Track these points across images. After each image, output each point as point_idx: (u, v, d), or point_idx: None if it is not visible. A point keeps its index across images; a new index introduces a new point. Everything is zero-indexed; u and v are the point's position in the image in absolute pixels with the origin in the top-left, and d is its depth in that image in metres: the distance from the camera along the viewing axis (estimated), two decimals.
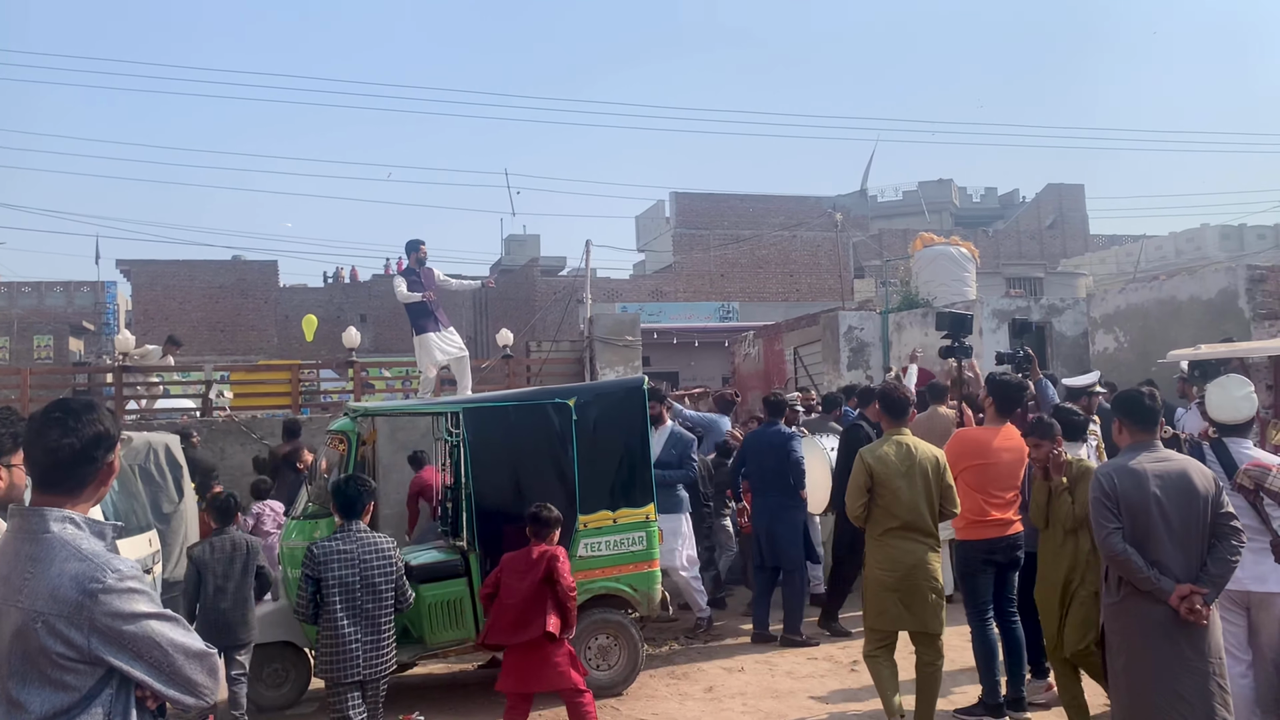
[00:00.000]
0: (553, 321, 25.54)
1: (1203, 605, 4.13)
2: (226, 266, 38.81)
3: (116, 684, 2.33)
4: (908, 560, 5.56)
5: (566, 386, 8.26)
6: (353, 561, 5.14)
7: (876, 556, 5.68)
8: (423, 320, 11.28)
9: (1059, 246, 40.47)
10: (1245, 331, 11.21)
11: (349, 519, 5.30)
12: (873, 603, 5.69)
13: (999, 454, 6.02)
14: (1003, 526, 6.02)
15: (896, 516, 5.59)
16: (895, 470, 5.60)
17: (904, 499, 5.58)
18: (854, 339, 15.72)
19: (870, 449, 5.80)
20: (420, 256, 11.32)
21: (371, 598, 5.15)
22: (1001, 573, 6.13)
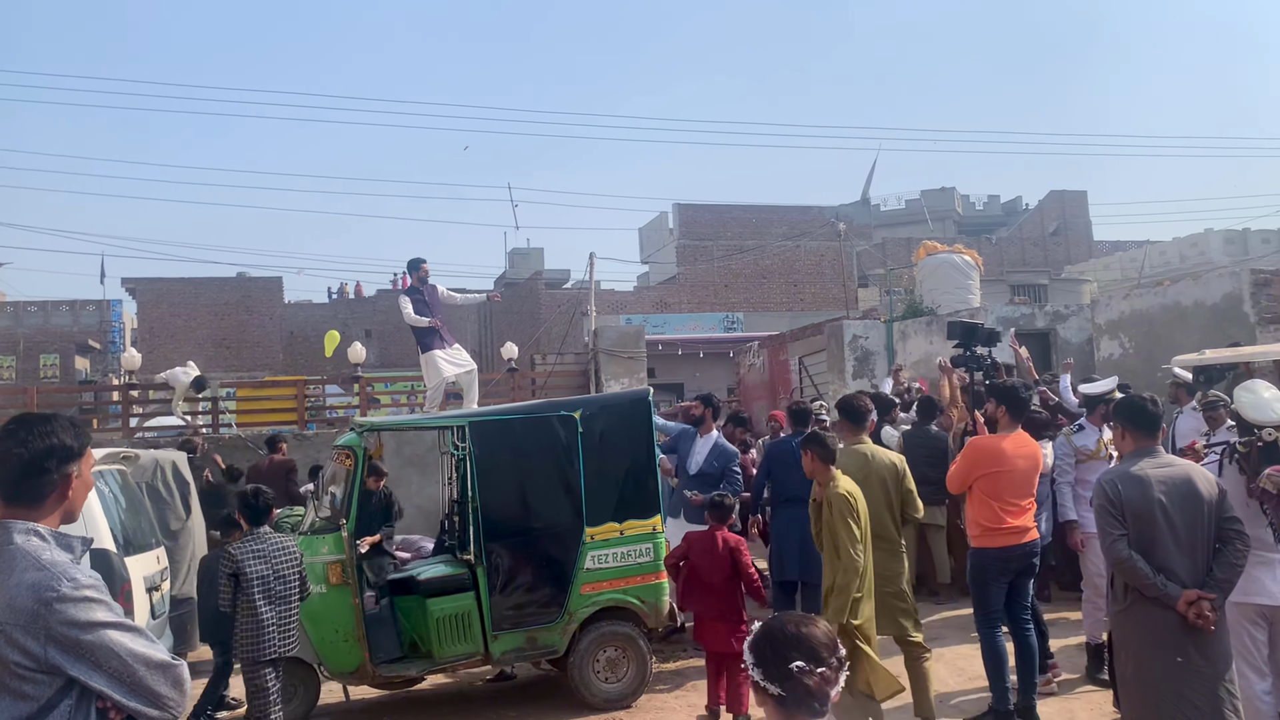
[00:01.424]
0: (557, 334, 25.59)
1: (1211, 610, 4.12)
2: (231, 283, 38.93)
3: (77, 695, 2.32)
4: (872, 568, 5.55)
5: (572, 399, 8.27)
6: (265, 558, 5.88)
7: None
8: (429, 339, 11.30)
9: (1063, 253, 40.47)
10: (1251, 336, 11.19)
11: (255, 525, 6.04)
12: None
13: (1013, 461, 5.98)
14: (1019, 534, 5.97)
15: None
16: (855, 479, 5.62)
17: (878, 509, 5.64)
18: (859, 348, 15.73)
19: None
20: (422, 275, 11.32)
21: (283, 587, 5.92)
22: (1017, 580, 6.10)
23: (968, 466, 6.03)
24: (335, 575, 6.72)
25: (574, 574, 6.90)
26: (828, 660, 2.28)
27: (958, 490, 6.15)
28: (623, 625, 7.02)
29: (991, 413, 6.43)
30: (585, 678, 6.87)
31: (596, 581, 6.95)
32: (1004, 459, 5.97)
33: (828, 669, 2.27)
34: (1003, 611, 6.07)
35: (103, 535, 6.62)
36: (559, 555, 6.94)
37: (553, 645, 6.89)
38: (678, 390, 26.44)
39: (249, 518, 6.08)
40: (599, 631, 6.94)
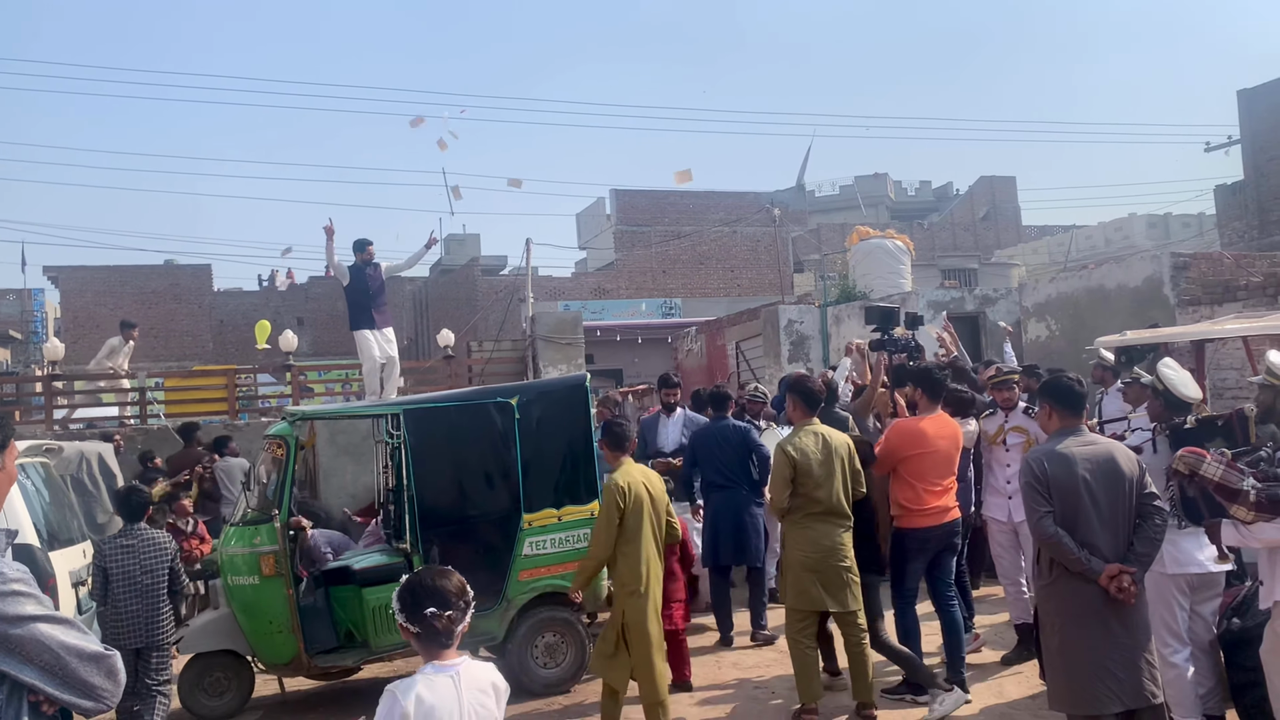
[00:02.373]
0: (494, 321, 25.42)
1: (1130, 584, 4.24)
2: (159, 271, 38.03)
3: (8, 689, 2.29)
4: (825, 542, 5.77)
5: (509, 385, 8.24)
6: (134, 553, 6.16)
7: (797, 539, 5.85)
8: (359, 316, 11.18)
9: (992, 238, 41.21)
10: (1170, 318, 11.52)
11: (131, 522, 6.30)
12: (794, 584, 5.86)
13: (934, 442, 6.12)
14: (940, 514, 6.13)
15: (819, 502, 5.79)
16: (816, 460, 5.79)
17: (825, 486, 5.79)
18: (794, 332, 15.89)
19: (790, 441, 5.92)
20: (368, 255, 11.23)
21: (151, 581, 6.16)
22: (937, 558, 6.26)
23: (890, 449, 6.17)
24: (268, 566, 6.63)
25: (511, 561, 6.89)
26: (455, 605, 2.96)
27: (882, 473, 6.26)
28: (561, 610, 7.01)
29: (910, 395, 6.55)
30: (524, 663, 6.87)
31: (534, 568, 6.95)
32: (925, 441, 6.10)
33: (455, 612, 2.95)
34: (917, 589, 6.24)
35: (26, 530, 6.47)
36: (496, 542, 6.93)
37: (491, 632, 6.87)
38: (616, 376, 26.47)
39: (124, 515, 6.40)
40: (537, 617, 6.94)
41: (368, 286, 11.12)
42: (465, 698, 2.98)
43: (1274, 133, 22.91)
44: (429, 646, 3.01)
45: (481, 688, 3.06)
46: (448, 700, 2.95)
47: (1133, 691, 4.26)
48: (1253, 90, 23.52)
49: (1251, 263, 12.44)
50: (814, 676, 5.88)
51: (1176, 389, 5.29)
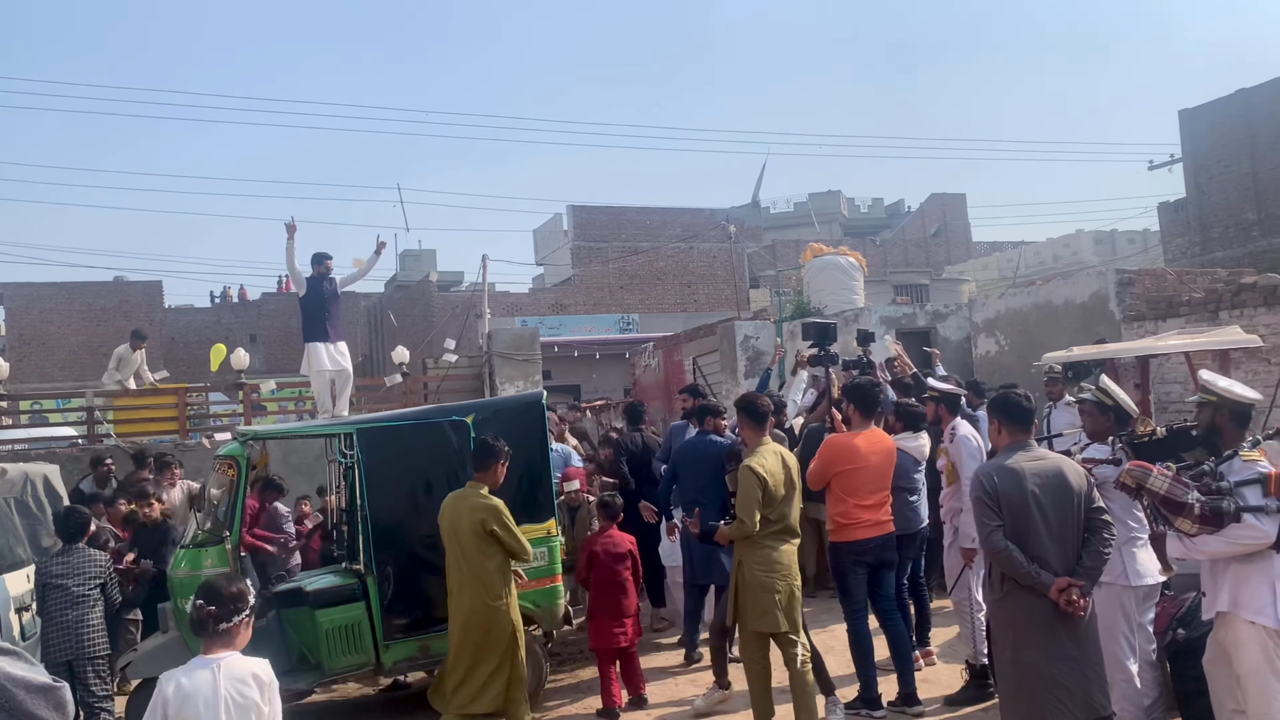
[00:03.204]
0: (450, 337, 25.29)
1: (1079, 597, 4.31)
2: (108, 288, 37.38)
3: None
4: (785, 560, 5.73)
5: (464, 403, 8.20)
6: (70, 570, 6.38)
7: (756, 560, 5.70)
8: (315, 328, 11.08)
9: (943, 254, 41.79)
10: (1116, 333, 11.74)
11: (71, 542, 6.50)
12: (755, 606, 5.70)
13: (867, 457, 6.17)
14: (873, 528, 6.17)
15: (778, 521, 5.73)
16: (780, 480, 5.75)
17: (785, 505, 5.76)
18: (750, 348, 15.98)
19: (756, 461, 5.77)
20: (325, 269, 11.16)
21: (82, 593, 6.35)
22: (875, 573, 6.29)
23: (824, 464, 6.21)
24: None
25: None
26: (223, 605, 3.53)
27: (816, 487, 6.30)
28: None
29: (847, 411, 6.60)
30: None
31: None
32: (857, 456, 6.14)
33: (219, 609, 3.53)
34: (866, 602, 6.27)
35: None
36: None
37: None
38: (574, 392, 26.43)
39: (63, 536, 6.59)
40: None
41: (324, 300, 11.04)
42: (223, 686, 3.47)
43: (1214, 151, 23.52)
44: (198, 638, 3.65)
45: (241, 678, 3.54)
46: (205, 688, 3.46)
47: (1083, 704, 4.32)
48: (1193, 110, 24.13)
49: (1194, 279, 12.73)
50: (769, 696, 5.84)
51: (1123, 401, 5.41)
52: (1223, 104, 23.35)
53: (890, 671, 6.30)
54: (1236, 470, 4.52)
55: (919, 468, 7.14)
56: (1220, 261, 21.23)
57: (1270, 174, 22.39)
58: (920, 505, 7.11)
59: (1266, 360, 9.94)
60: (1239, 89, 23.10)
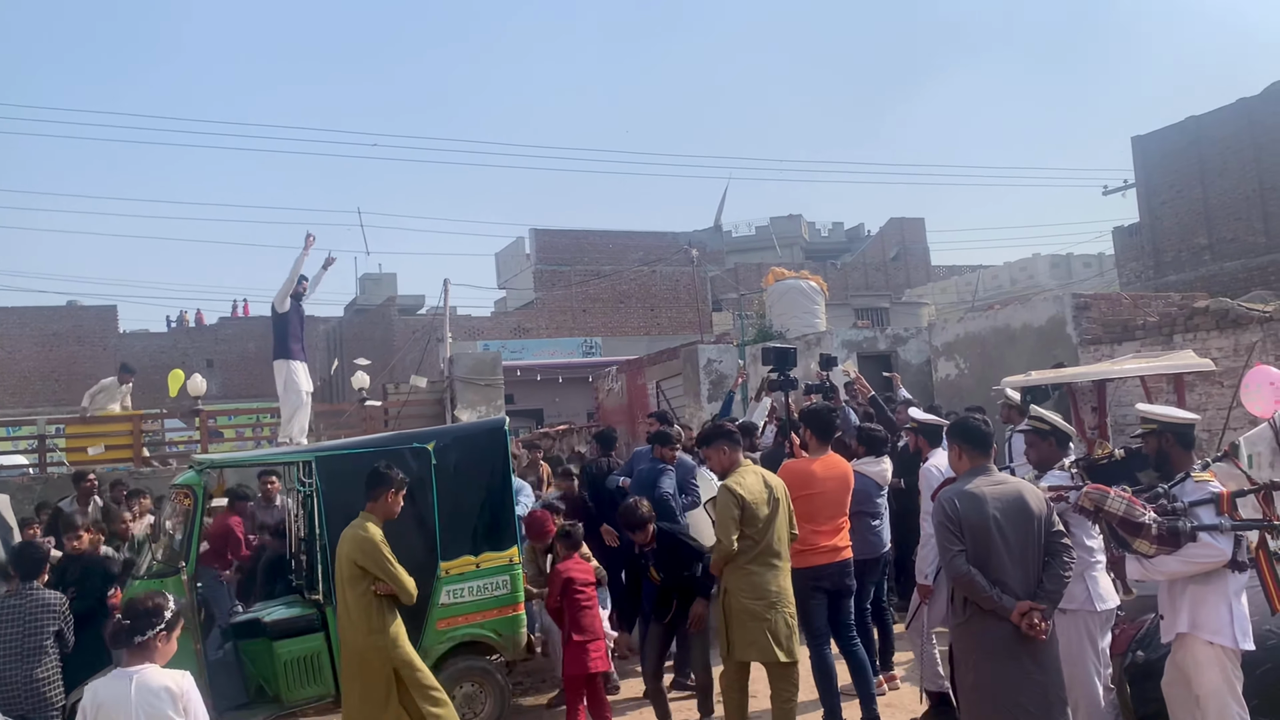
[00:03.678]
0: (412, 361, 25.12)
1: (1041, 620, 4.34)
2: (61, 313, 36.78)
3: None
4: (772, 587, 5.56)
5: (425, 430, 8.12)
6: (20, 615, 5.92)
7: (741, 586, 5.55)
8: (294, 345, 11.05)
9: (903, 277, 42.22)
10: (1073, 356, 11.90)
11: (27, 580, 6.08)
12: (740, 635, 5.55)
13: (824, 482, 6.16)
14: (831, 554, 6.14)
15: (760, 544, 5.56)
16: (761, 499, 5.61)
17: (770, 526, 5.60)
18: (713, 371, 16.01)
19: (734, 481, 5.67)
20: (302, 289, 11.18)
21: (35, 644, 5.90)
22: (835, 600, 6.26)
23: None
24: None
25: (428, 610, 6.72)
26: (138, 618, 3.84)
27: None
28: (479, 660, 6.90)
29: (803, 436, 6.58)
30: None
31: (452, 617, 6.81)
32: (814, 481, 6.13)
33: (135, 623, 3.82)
34: (828, 628, 6.23)
35: None
36: None
37: None
38: (537, 416, 26.32)
39: (20, 573, 6.12)
40: (455, 667, 6.79)
41: (301, 320, 11.15)
42: (136, 698, 3.73)
43: (1166, 177, 24.02)
44: (117, 650, 3.97)
45: (155, 690, 3.76)
46: (120, 698, 3.73)
47: None
48: (1146, 136, 24.66)
49: (1148, 303, 12.95)
50: None
51: (1059, 424, 5.47)
52: (1174, 131, 23.89)
53: (853, 697, 6.29)
54: (1189, 491, 4.60)
55: (881, 492, 7.16)
56: (1173, 285, 21.64)
57: (1220, 199, 22.90)
58: (883, 530, 7.13)
59: (1220, 383, 10.11)
60: (1189, 116, 23.65)
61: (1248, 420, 8.26)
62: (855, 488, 6.71)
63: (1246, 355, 9.71)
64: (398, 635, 5.80)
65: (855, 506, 6.84)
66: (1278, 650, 4.87)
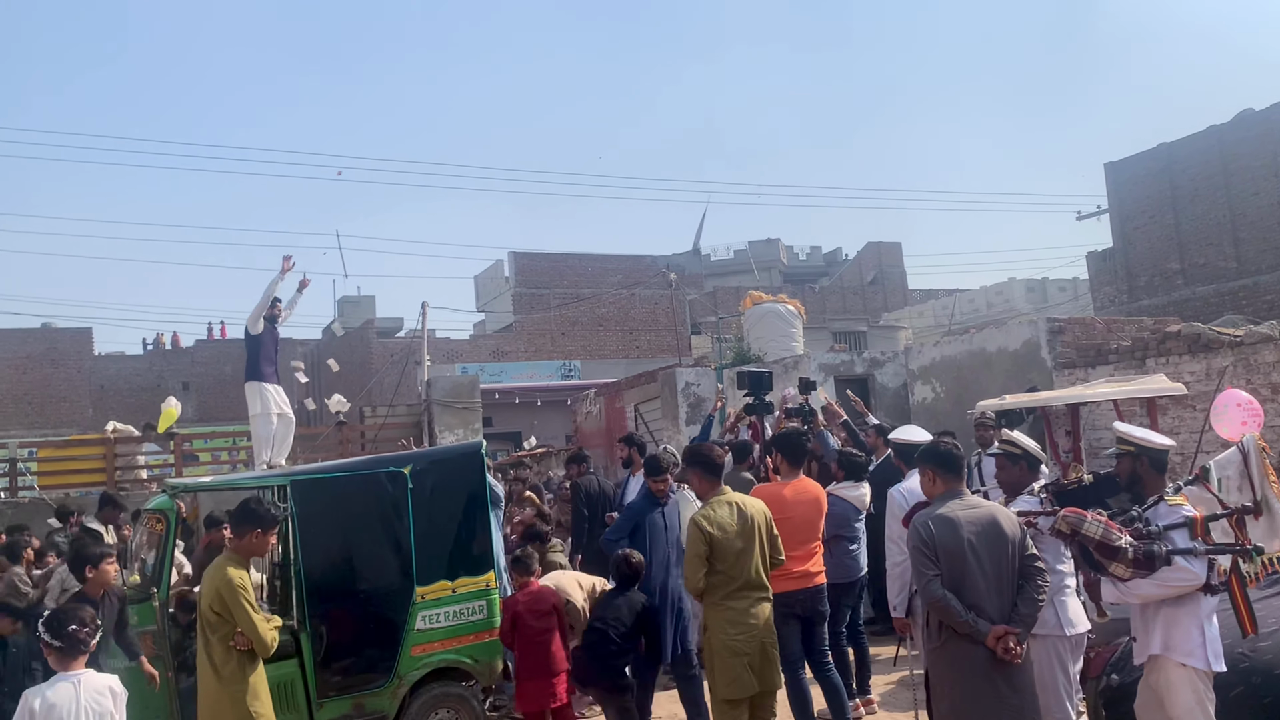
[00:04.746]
0: (390, 384, 25.03)
1: (1016, 644, 4.35)
2: (35, 334, 36.40)
3: None
4: (749, 620, 5.41)
5: (402, 454, 8.09)
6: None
7: (718, 621, 5.41)
8: (265, 366, 10.98)
9: (880, 301, 42.46)
10: (1048, 380, 11.98)
11: None
12: (723, 672, 5.39)
13: (794, 507, 6.14)
14: (803, 579, 6.12)
15: (736, 579, 5.41)
16: (734, 533, 5.44)
17: (744, 559, 5.42)
18: (691, 395, 16.01)
19: (705, 515, 5.51)
20: (275, 312, 11.13)
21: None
22: (808, 626, 6.23)
23: None
24: (146, 647, 6.32)
25: (404, 636, 6.69)
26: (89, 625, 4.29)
27: None
28: (455, 686, 6.86)
29: (775, 461, 6.55)
30: None
31: (428, 642, 6.76)
32: (785, 506, 6.08)
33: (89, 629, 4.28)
34: (802, 653, 6.21)
35: None
36: (388, 617, 6.72)
37: (382, 710, 6.65)
38: (515, 439, 26.24)
39: None
40: (430, 694, 6.74)
41: (274, 342, 11.10)
42: (83, 697, 4.11)
43: (1138, 203, 24.33)
44: (63, 658, 4.22)
45: (99, 690, 4.21)
46: (67, 699, 4.10)
47: None
48: (1118, 163, 24.98)
49: (1121, 327, 13.07)
50: None
51: (1031, 448, 5.52)
52: (1146, 157, 24.21)
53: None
54: (1163, 515, 4.64)
55: (860, 516, 7.18)
56: (1146, 309, 21.88)
57: (1192, 225, 23.20)
58: (860, 554, 7.14)
59: (1192, 407, 10.20)
60: (1161, 143, 23.98)
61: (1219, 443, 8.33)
62: (834, 512, 6.71)
63: (1218, 379, 9.81)
64: (257, 687, 5.44)
65: (833, 530, 6.85)
66: (1249, 672, 4.91)
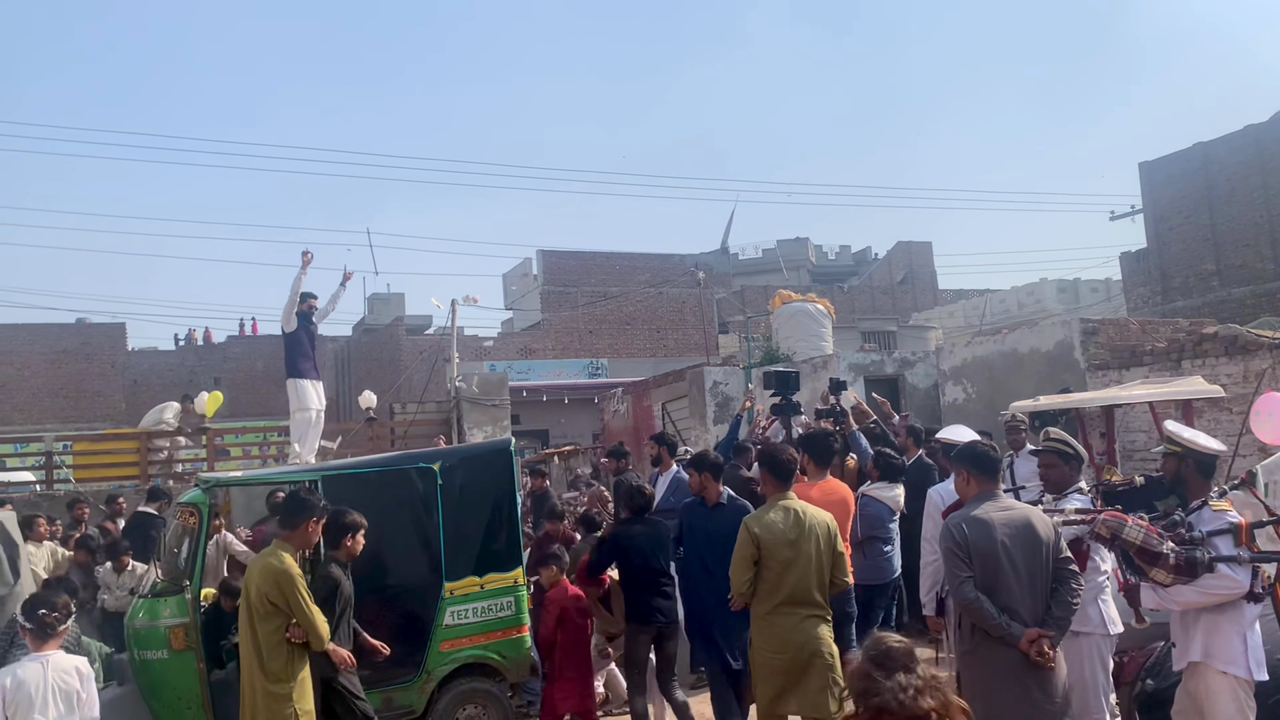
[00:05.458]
0: (419, 382, 25.14)
1: (1050, 648, 4.30)
2: (70, 330, 36.85)
3: None
4: (796, 638, 5.12)
5: (431, 450, 8.12)
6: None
7: (764, 635, 5.19)
8: (304, 364, 11.09)
9: (910, 301, 42.18)
10: (1081, 381, 11.87)
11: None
12: (764, 687, 5.19)
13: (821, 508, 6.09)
14: None
15: (782, 590, 5.13)
16: (783, 539, 5.17)
17: (793, 570, 5.14)
18: (719, 394, 15.99)
19: (756, 517, 5.32)
20: (309, 307, 11.24)
21: None
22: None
23: None
24: (178, 640, 6.37)
25: (432, 631, 6.73)
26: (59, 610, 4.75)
27: None
28: (483, 681, 6.86)
29: (802, 462, 6.40)
30: None
31: (456, 638, 6.79)
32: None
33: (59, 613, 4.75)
34: None
35: None
36: (417, 612, 6.76)
37: (411, 705, 6.68)
38: (543, 437, 26.30)
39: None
40: (458, 689, 6.76)
41: (311, 337, 11.22)
42: (50, 676, 4.51)
43: (1174, 203, 24.01)
44: (36, 640, 4.63)
45: (66, 670, 4.59)
46: (36, 678, 4.49)
47: None
48: (1153, 162, 24.67)
49: (1156, 328, 12.92)
50: None
51: (1079, 448, 5.44)
52: (1181, 157, 23.89)
53: None
54: (1206, 520, 4.56)
55: (894, 517, 7.12)
56: (1181, 311, 21.59)
57: (1228, 225, 22.86)
58: (894, 555, 7.08)
59: (1229, 409, 10.06)
60: (1196, 142, 23.65)
61: (1256, 447, 8.23)
62: (868, 513, 6.65)
63: (1256, 382, 9.67)
64: (304, 685, 5.33)
65: (867, 531, 6.79)
66: None
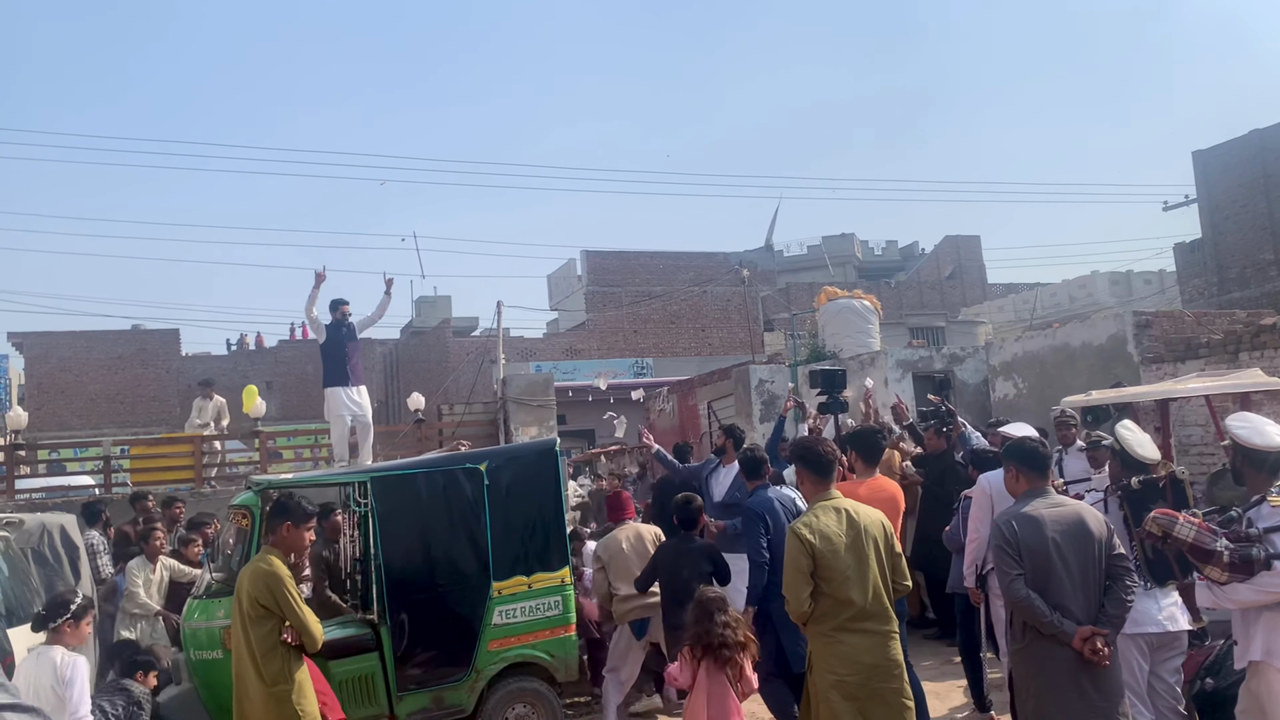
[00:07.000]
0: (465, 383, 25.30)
1: (1104, 645, 4.24)
2: (126, 336, 37.62)
3: None
4: (866, 659, 4.60)
5: (478, 450, 8.17)
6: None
7: (826, 657, 4.63)
8: (336, 373, 11.18)
9: (959, 296, 41.71)
10: (1135, 375, 11.65)
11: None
12: (827, 714, 4.61)
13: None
14: None
15: (849, 603, 4.62)
16: (840, 545, 4.66)
17: (856, 580, 4.62)
18: (765, 392, 15.91)
19: (806, 522, 4.75)
20: (342, 315, 11.35)
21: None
22: None
23: None
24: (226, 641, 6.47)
25: (481, 630, 6.77)
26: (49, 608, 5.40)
27: None
28: (531, 681, 6.90)
29: (850, 460, 6.34)
30: None
31: (504, 637, 6.83)
32: None
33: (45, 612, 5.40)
34: None
35: None
36: (465, 611, 6.80)
37: (460, 704, 6.73)
38: (588, 437, 26.36)
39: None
40: (507, 688, 6.81)
41: (343, 345, 11.27)
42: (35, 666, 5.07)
43: (1229, 193, 23.49)
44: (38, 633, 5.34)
45: (44, 663, 5.04)
46: (28, 666, 5.13)
47: None
48: (1207, 151, 24.15)
49: (1212, 320, 12.65)
50: None
51: (1134, 450, 5.34)
52: (1236, 145, 23.38)
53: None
54: (1265, 516, 4.45)
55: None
56: (1238, 302, 21.12)
57: None
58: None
59: None
60: (1252, 130, 23.13)
61: None
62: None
63: None
64: (303, 686, 5.33)
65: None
66: None
